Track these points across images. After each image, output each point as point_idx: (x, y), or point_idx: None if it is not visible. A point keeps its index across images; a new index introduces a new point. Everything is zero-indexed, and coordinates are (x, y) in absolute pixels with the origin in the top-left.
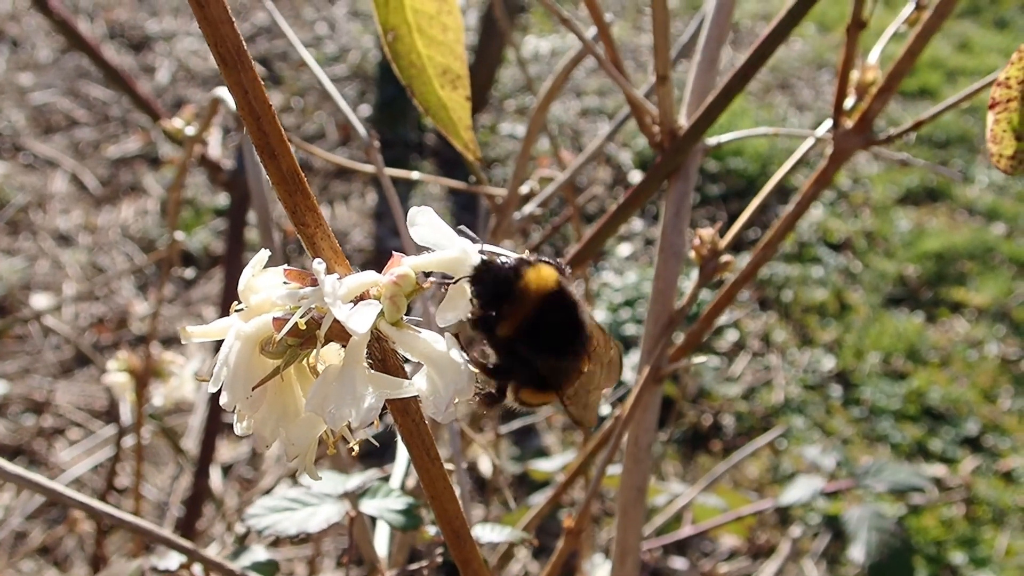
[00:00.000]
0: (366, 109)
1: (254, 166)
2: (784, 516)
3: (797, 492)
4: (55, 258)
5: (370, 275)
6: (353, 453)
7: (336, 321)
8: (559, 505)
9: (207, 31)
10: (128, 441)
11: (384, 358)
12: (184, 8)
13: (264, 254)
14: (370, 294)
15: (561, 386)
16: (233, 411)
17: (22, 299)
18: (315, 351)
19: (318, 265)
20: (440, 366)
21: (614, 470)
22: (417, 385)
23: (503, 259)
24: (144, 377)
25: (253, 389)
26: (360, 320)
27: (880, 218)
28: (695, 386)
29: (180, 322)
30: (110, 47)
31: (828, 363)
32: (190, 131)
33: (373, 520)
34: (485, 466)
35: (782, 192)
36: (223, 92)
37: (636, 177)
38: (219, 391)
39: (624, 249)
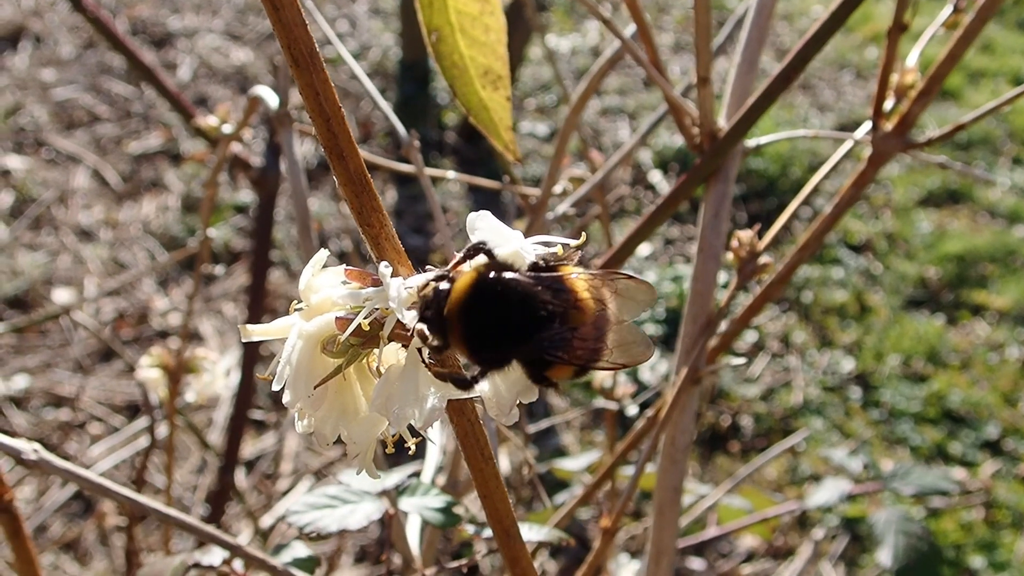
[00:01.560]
0: (385, 106)
1: (293, 165)
2: (802, 518)
3: (824, 494)
4: (77, 253)
5: (433, 276)
6: (410, 452)
7: (399, 322)
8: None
9: (281, 33)
10: (158, 436)
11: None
12: (206, 5)
13: (323, 254)
14: None
15: (568, 355)
16: (295, 409)
17: (44, 294)
18: (378, 351)
19: (384, 268)
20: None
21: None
22: (480, 387)
23: (431, 288)
24: (177, 373)
25: (315, 388)
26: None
27: (901, 220)
28: (714, 387)
29: (200, 318)
30: (132, 44)
31: (848, 365)
32: (227, 129)
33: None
34: (504, 464)
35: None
36: (262, 90)
37: (656, 177)
38: (242, 389)
39: (644, 249)
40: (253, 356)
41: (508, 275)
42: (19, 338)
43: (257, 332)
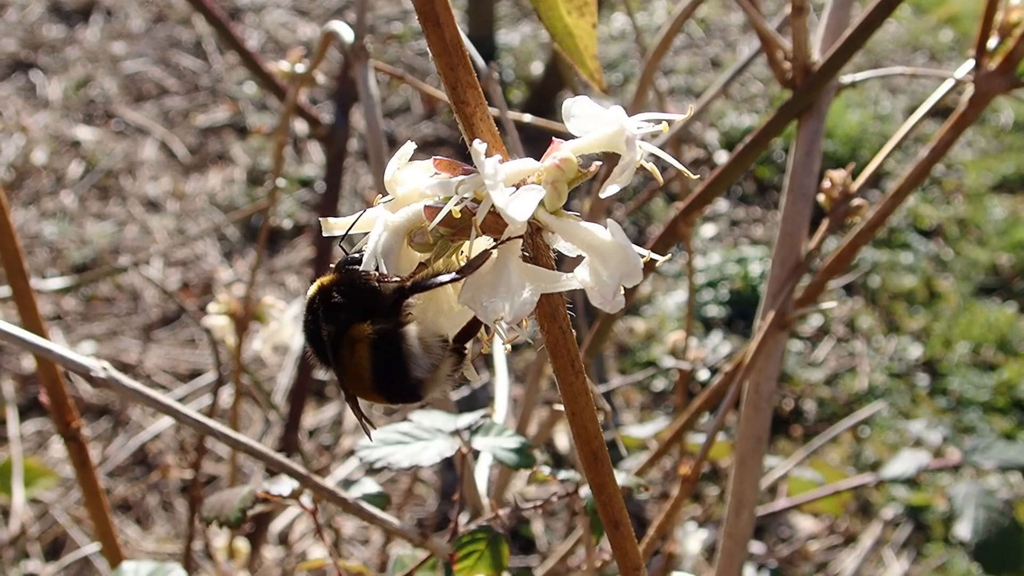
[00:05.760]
0: None
1: (368, 99)
2: (865, 505)
3: (902, 465)
4: (144, 223)
5: (529, 161)
6: (506, 350)
7: (491, 211)
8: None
9: None
10: (221, 398)
11: (536, 255)
12: None
13: (410, 146)
14: (527, 183)
15: None
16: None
17: (111, 263)
18: (468, 242)
19: (479, 145)
20: (604, 253)
21: (701, 439)
22: (580, 277)
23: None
24: (244, 321)
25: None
26: (521, 206)
27: (973, 205)
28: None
29: (264, 290)
30: (200, 19)
31: (915, 351)
32: (300, 69)
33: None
34: (562, 442)
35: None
36: (337, 25)
37: (722, 157)
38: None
39: (708, 230)
40: None
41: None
42: (86, 305)
43: (339, 225)
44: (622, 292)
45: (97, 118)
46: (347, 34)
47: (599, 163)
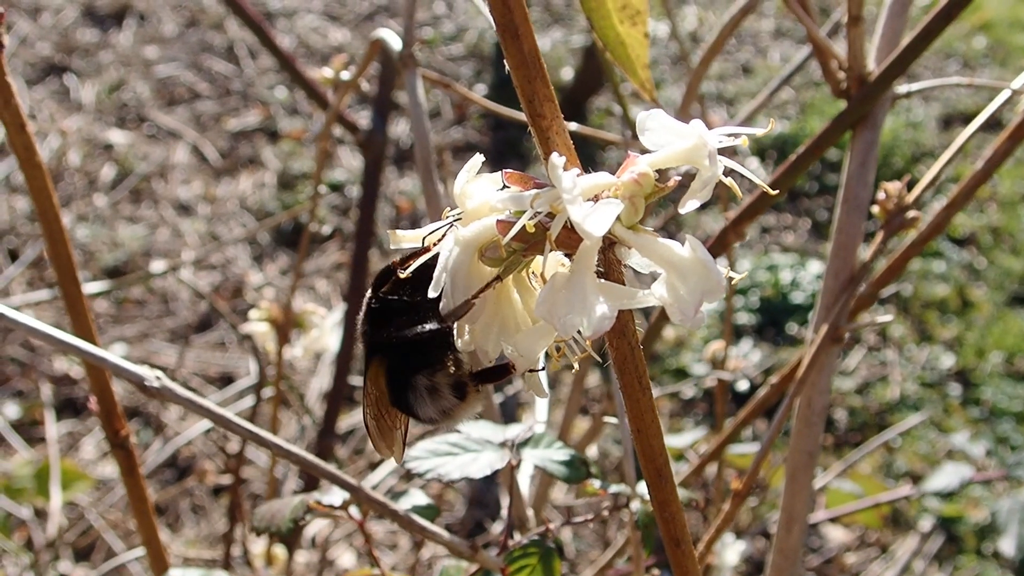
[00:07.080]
0: (482, 88)
1: (417, 107)
2: (896, 516)
3: (944, 479)
4: (175, 227)
5: (605, 175)
6: (574, 370)
7: (565, 225)
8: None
9: None
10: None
11: (608, 270)
12: None
13: (478, 159)
14: (602, 197)
15: None
16: (452, 320)
17: (143, 265)
18: (543, 257)
19: (557, 158)
20: (683, 269)
21: (742, 448)
22: (657, 293)
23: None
24: (285, 327)
25: (474, 297)
26: (598, 220)
27: (1007, 213)
28: None
29: (293, 294)
30: (232, 23)
31: (947, 361)
32: (345, 76)
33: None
34: (593, 451)
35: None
36: (384, 33)
37: (753, 164)
38: (341, 354)
39: None
40: (353, 319)
41: None
42: (118, 308)
43: (408, 237)
44: (703, 309)
45: (129, 122)
46: (395, 42)
47: (678, 177)
